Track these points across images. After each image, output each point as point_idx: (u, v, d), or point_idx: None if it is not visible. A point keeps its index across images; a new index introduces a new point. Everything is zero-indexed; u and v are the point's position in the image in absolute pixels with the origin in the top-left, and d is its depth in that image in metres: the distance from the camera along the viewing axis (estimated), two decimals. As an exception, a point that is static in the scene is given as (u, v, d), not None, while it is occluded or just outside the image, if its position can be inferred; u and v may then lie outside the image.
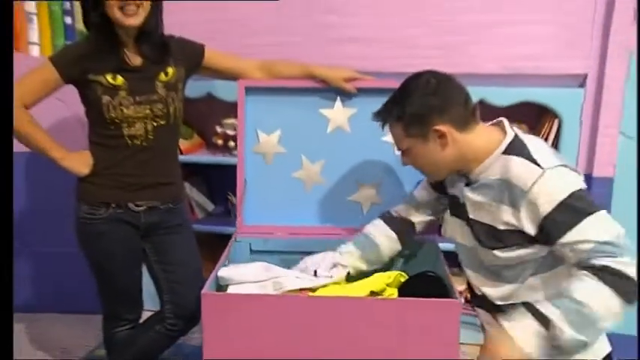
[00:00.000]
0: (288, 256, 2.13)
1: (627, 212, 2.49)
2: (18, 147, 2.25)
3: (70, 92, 2.10)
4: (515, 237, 1.52)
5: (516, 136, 1.58)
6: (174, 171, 2.22)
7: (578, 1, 2.48)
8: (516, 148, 1.54)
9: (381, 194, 2.18)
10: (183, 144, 2.84)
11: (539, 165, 1.48)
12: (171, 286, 2.17)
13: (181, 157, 2.73)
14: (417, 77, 1.63)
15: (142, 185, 2.09)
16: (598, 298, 1.35)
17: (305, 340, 1.66)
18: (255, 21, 2.79)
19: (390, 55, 2.63)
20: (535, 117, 2.61)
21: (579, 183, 1.47)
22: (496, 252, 1.56)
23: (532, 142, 1.57)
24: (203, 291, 1.69)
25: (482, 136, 1.60)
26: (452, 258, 1.87)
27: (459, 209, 1.70)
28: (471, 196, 1.63)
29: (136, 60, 2.03)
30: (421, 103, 1.58)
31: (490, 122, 1.68)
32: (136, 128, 2.03)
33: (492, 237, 1.57)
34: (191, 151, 2.89)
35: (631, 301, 1.37)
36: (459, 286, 1.95)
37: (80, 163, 2.06)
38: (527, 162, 1.50)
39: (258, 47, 2.47)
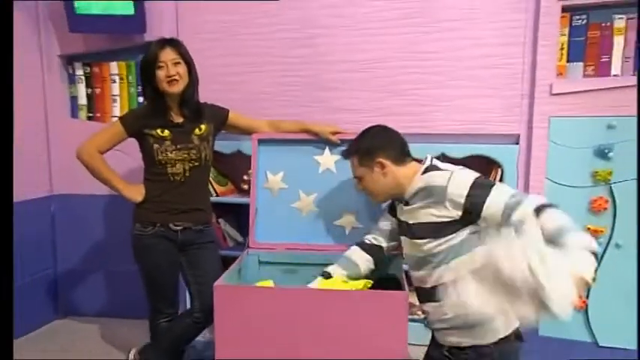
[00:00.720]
0: (288, 266, 2.15)
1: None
2: (99, 190, 2.35)
3: (132, 147, 2.22)
4: (444, 226, 1.59)
5: (431, 163, 1.70)
6: (205, 201, 2.26)
7: (510, 80, 2.51)
8: (430, 169, 1.67)
9: (359, 220, 2.19)
10: (219, 189, 2.90)
11: (447, 170, 1.64)
12: (198, 289, 2.18)
13: (218, 199, 2.81)
14: (370, 128, 1.82)
15: (180, 210, 2.14)
16: (560, 215, 1.43)
17: (296, 322, 1.67)
18: (272, 97, 2.83)
19: (372, 121, 2.53)
20: (485, 167, 2.59)
21: (478, 175, 1.61)
22: (430, 244, 1.62)
23: (442, 164, 1.71)
24: (215, 284, 1.71)
25: (411, 169, 1.72)
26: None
27: (403, 229, 1.74)
28: (406, 209, 1.70)
29: (178, 119, 2.14)
30: (370, 142, 1.74)
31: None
32: (176, 168, 2.11)
33: (428, 230, 1.62)
34: (225, 194, 2.94)
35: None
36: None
37: (136, 193, 2.15)
38: (438, 172, 1.64)
39: (275, 116, 2.51)
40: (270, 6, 2.77)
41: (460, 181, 1.58)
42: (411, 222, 1.68)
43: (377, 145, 1.74)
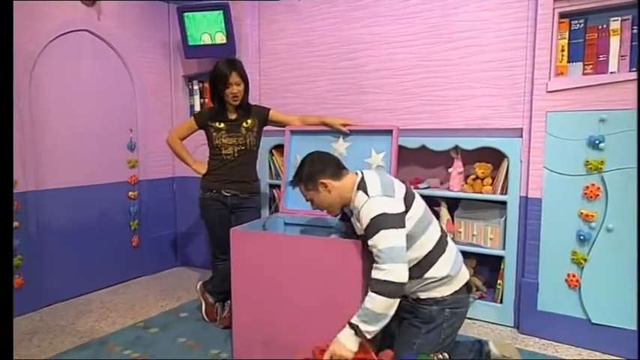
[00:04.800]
0: (305, 227, 2.39)
1: (552, 220, 2.38)
2: (187, 173, 2.69)
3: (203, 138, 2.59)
4: None
5: (362, 176, 1.75)
6: (250, 175, 2.54)
7: (513, 80, 2.47)
8: (361, 186, 1.72)
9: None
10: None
11: (367, 194, 1.67)
12: None
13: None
14: (307, 156, 1.88)
15: (230, 181, 2.47)
16: (374, 303, 1.53)
17: (287, 259, 1.90)
18: (324, 101, 3.07)
19: (399, 118, 2.77)
20: (496, 157, 2.57)
21: (387, 207, 1.60)
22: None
23: (369, 178, 1.73)
24: (232, 229, 2.03)
25: (349, 180, 1.79)
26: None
27: (356, 230, 1.82)
28: (354, 214, 1.78)
29: (232, 115, 2.48)
30: (310, 169, 1.81)
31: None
32: (228, 150, 2.46)
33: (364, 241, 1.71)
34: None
35: (393, 296, 1.52)
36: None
37: (201, 167, 2.54)
38: (362, 193, 1.69)
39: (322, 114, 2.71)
40: (322, 29, 3.06)
41: (367, 211, 1.63)
42: (358, 225, 1.76)
43: (316, 169, 1.78)
